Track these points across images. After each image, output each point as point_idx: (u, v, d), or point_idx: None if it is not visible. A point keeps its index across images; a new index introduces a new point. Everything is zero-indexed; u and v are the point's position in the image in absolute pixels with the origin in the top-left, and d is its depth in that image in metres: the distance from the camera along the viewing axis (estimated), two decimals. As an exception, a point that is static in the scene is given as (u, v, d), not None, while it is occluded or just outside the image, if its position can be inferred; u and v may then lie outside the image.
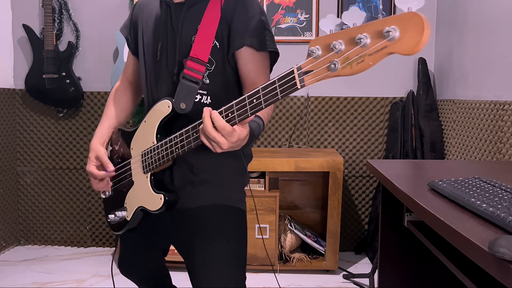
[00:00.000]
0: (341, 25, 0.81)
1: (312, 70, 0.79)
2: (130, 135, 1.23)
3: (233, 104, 0.93)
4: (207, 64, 1.13)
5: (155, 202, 1.14)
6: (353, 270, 2.57)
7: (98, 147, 1.24)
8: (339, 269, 2.55)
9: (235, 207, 1.21)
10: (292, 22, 2.79)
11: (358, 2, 2.77)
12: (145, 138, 1.17)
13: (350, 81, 2.74)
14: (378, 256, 1.55)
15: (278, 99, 0.86)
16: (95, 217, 2.99)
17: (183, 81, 1.12)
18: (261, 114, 1.08)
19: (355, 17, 0.76)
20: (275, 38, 1.21)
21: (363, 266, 2.68)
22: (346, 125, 2.84)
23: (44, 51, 2.72)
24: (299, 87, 0.82)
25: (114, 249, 2.94)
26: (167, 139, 1.09)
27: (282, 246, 2.54)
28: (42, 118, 2.93)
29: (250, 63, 1.15)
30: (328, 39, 0.77)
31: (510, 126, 1.85)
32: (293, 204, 2.83)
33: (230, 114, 0.93)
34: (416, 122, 2.65)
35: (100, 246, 3.00)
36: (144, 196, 1.17)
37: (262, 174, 2.47)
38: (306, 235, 2.55)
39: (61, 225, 3.01)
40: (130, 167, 1.22)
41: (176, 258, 1.39)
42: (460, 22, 2.38)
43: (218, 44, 1.13)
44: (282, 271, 2.54)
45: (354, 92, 2.81)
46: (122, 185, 1.25)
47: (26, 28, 2.75)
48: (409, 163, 1.71)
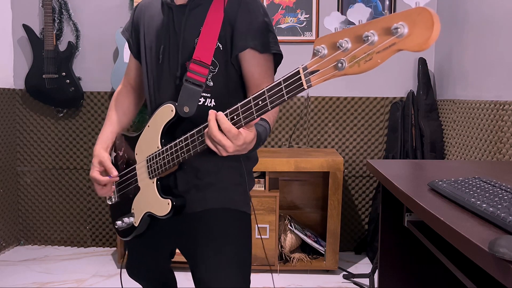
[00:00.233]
0: (346, 22, 0.79)
1: (318, 70, 0.77)
2: (134, 140, 1.21)
3: (238, 106, 0.91)
4: (210, 66, 1.11)
5: (163, 207, 1.12)
6: (353, 270, 2.57)
7: (101, 153, 1.23)
8: (339, 269, 2.55)
9: (240, 211, 1.19)
10: (292, 22, 2.79)
11: (358, 2, 2.77)
12: (149, 143, 1.16)
13: (350, 81, 2.73)
14: (378, 256, 1.55)
15: (284, 100, 0.84)
16: (95, 217, 2.99)
17: (186, 84, 1.10)
18: (266, 117, 1.06)
19: (360, 14, 0.74)
20: (275, 38, 1.21)
21: (363, 266, 2.67)
22: (346, 125, 2.84)
23: (44, 51, 2.71)
24: (306, 88, 0.80)
25: (114, 249, 2.95)
26: (172, 144, 1.07)
27: (282, 246, 2.54)
28: (42, 118, 2.93)
29: (254, 65, 1.14)
30: (333, 38, 0.75)
31: (510, 126, 1.85)
32: (293, 204, 2.83)
33: (235, 117, 0.91)
34: (416, 122, 2.65)
35: (100, 246, 3.00)
36: (151, 201, 1.15)
37: (262, 174, 2.47)
38: (306, 235, 2.55)
39: (61, 225, 3.01)
40: (135, 173, 1.20)
41: (176, 258, 1.39)
42: (460, 22, 2.38)
43: (221, 46, 1.12)
44: (282, 271, 2.53)
45: (354, 92, 2.81)
46: (128, 191, 1.23)
47: (26, 28, 2.75)
48: (409, 163, 1.71)
